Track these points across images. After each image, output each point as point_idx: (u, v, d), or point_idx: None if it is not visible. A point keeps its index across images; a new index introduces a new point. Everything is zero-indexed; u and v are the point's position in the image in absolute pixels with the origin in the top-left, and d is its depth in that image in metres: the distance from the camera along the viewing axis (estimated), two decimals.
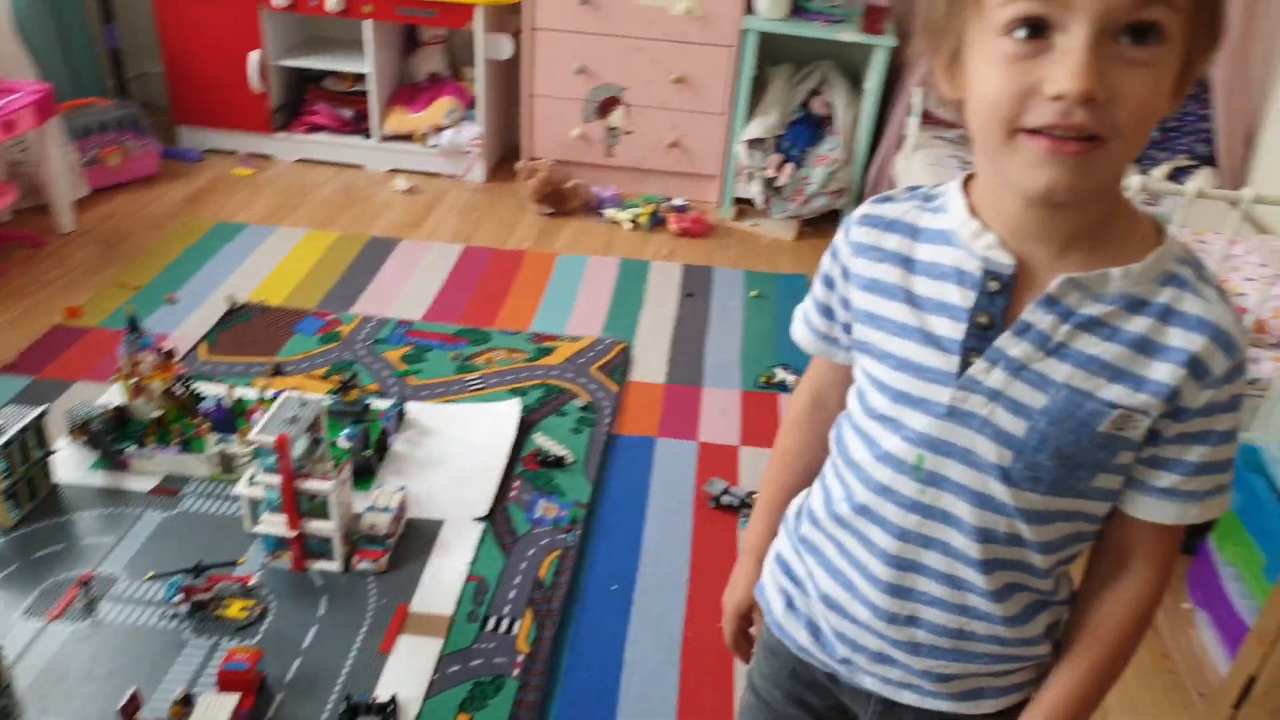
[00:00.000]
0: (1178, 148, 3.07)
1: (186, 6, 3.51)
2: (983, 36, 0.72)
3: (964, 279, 0.80)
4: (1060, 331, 0.77)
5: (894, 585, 0.88)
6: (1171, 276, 0.77)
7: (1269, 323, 2.08)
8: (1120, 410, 0.76)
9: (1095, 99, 0.67)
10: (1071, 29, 0.67)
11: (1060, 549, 0.85)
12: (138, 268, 2.99)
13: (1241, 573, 1.88)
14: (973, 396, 0.79)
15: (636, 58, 3.42)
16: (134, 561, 1.94)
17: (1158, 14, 0.67)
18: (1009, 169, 0.73)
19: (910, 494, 0.84)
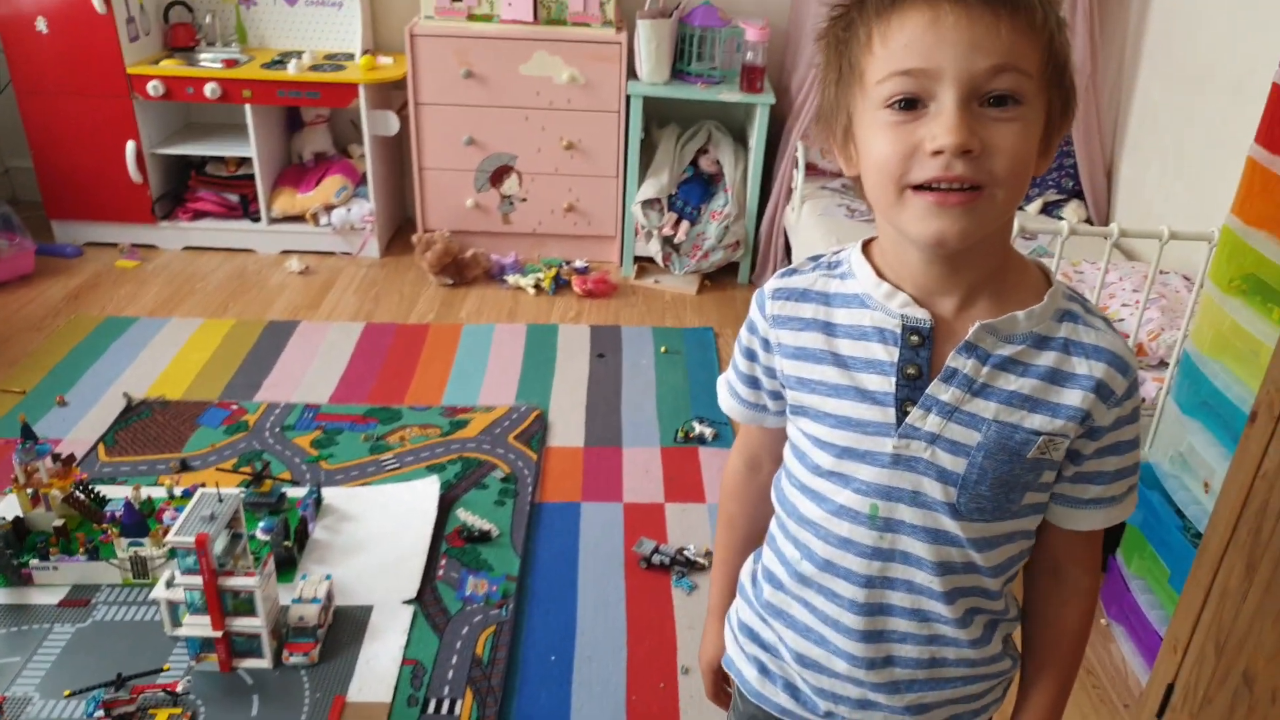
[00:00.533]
0: (1047, 183, 3.28)
1: (53, 98, 3.42)
2: (868, 111, 0.80)
3: (885, 336, 0.86)
4: (982, 373, 0.84)
5: (867, 631, 0.92)
6: (1065, 313, 0.86)
7: (1147, 345, 2.21)
8: (1044, 436, 0.84)
9: (971, 150, 0.75)
10: (941, 97, 0.76)
11: (1007, 569, 0.92)
12: (22, 371, 2.87)
13: (1150, 585, 1.98)
14: (914, 442, 0.86)
15: (525, 126, 3.48)
16: (48, 679, 1.84)
17: (1011, 81, 0.76)
18: (903, 224, 0.80)
19: (869, 542, 0.89)
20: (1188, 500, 1.87)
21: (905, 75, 0.77)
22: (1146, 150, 2.98)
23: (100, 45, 3.34)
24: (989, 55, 0.75)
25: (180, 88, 3.41)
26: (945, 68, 0.75)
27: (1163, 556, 1.93)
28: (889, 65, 0.78)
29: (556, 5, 3.40)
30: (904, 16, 0.77)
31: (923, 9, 0.76)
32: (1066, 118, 0.83)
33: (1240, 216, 1.73)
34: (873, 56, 0.79)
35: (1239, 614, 1.48)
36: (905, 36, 0.77)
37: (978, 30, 0.75)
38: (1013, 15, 0.75)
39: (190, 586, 1.80)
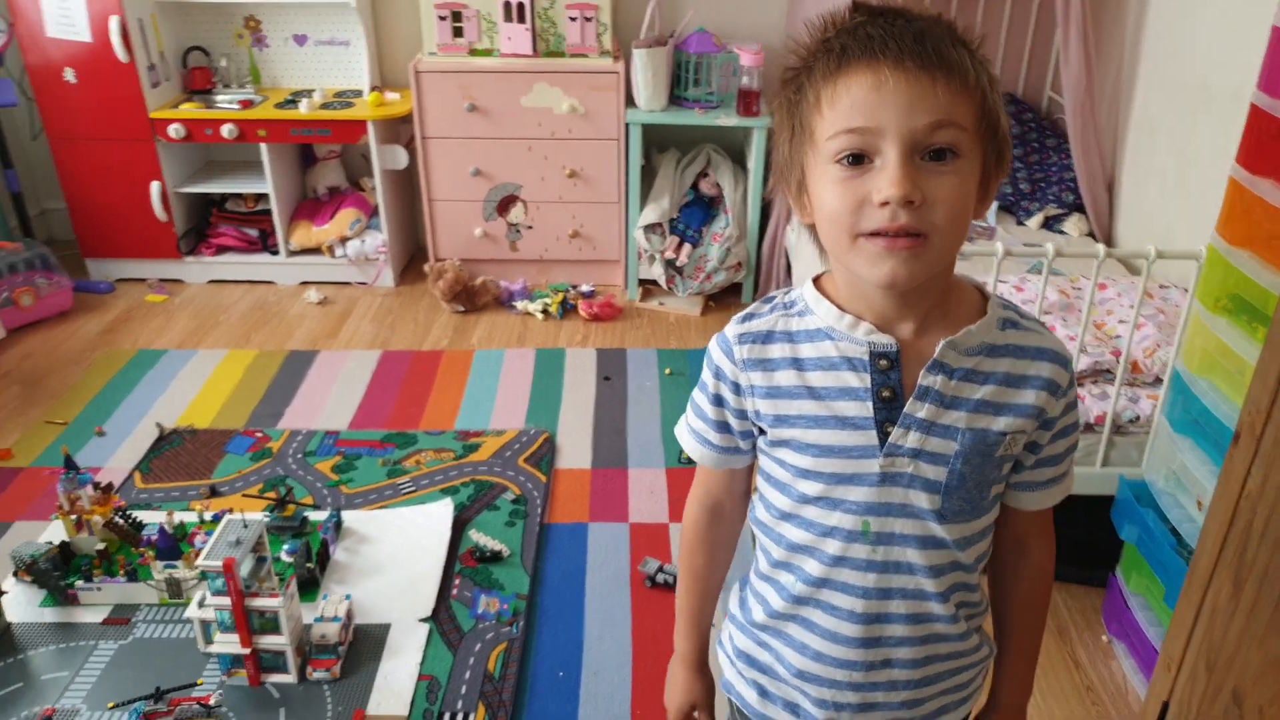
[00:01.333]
0: (1048, 197, 3.33)
1: (83, 144, 3.61)
2: (818, 166, 0.90)
3: (855, 364, 0.94)
4: (951, 387, 0.94)
5: (867, 639, 0.99)
6: (1006, 321, 0.97)
7: (1142, 362, 2.21)
8: (1009, 435, 0.95)
9: (913, 201, 0.84)
10: (886, 152, 0.85)
11: (981, 561, 1.04)
12: (63, 403, 3.04)
13: (1148, 602, 2.02)
14: (899, 459, 0.94)
15: (529, 156, 3.63)
16: (94, 692, 2.00)
17: (949, 137, 0.85)
18: (857, 268, 0.90)
19: (864, 556, 0.97)
20: (1181, 518, 1.89)
21: (852, 133, 0.85)
22: (1146, 164, 3.03)
23: (124, 92, 3.52)
24: (927, 113, 0.84)
25: (199, 130, 3.58)
26: (888, 126, 0.84)
27: (1158, 574, 1.96)
28: (836, 124, 0.86)
29: (554, 38, 3.54)
30: (849, 80, 0.86)
31: (865, 73, 0.85)
32: (1001, 167, 0.93)
33: (1224, 236, 1.75)
34: (821, 117, 0.88)
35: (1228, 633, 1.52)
36: (850, 98, 0.85)
37: (916, 91, 0.84)
38: (948, 77, 0.85)
39: (220, 607, 1.95)
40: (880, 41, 0.85)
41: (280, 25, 3.84)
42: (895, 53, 0.85)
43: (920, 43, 0.85)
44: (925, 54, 0.85)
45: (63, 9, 3.41)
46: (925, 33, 0.86)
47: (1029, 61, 3.67)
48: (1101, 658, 2.11)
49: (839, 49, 0.88)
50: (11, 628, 2.15)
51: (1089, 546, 2.22)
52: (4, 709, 1.96)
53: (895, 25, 0.87)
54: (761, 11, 3.78)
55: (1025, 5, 3.60)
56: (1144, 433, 2.15)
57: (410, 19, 3.76)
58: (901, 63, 0.84)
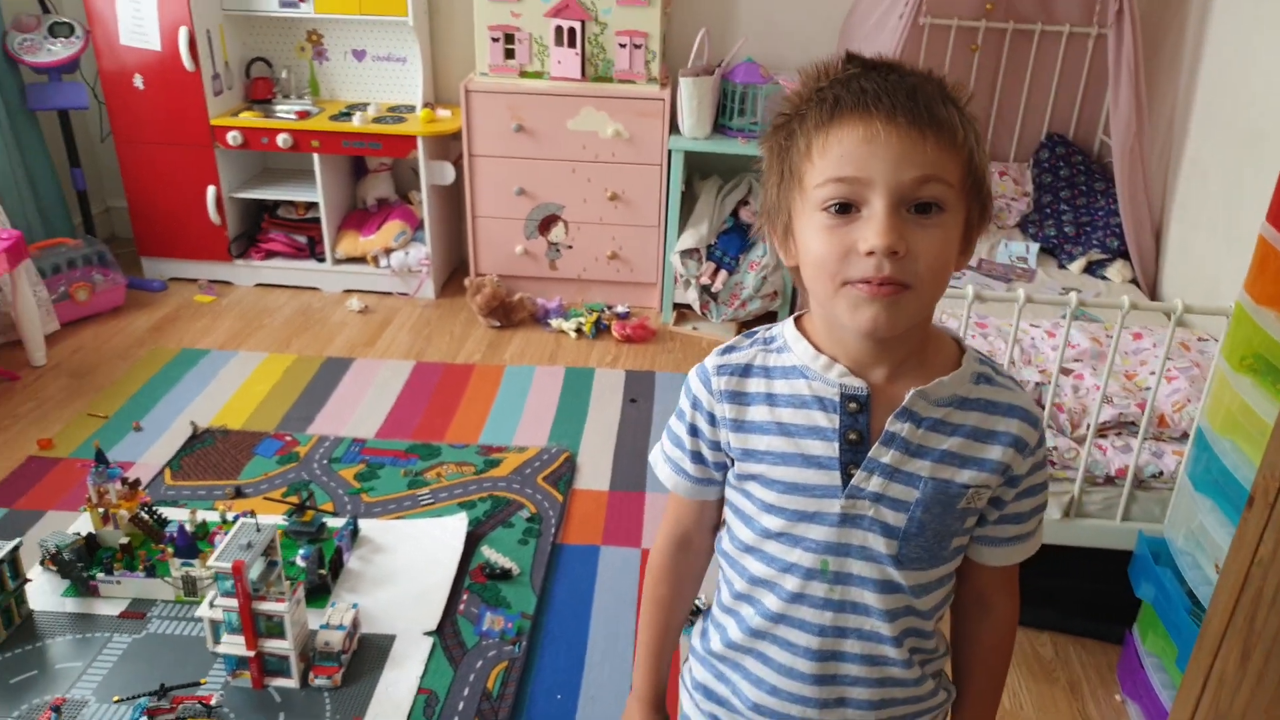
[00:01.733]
0: (1092, 242, 3.28)
1: (146, 147, 3.74)
2: (806, 212, 0.91)
3: (826, 404, 0.95)
4: (917, 435, 0.95)
5: (821, 676, 1.00)
6: (980, 376, 0.97)
7: (1169, 416, 2.16)
8: (972, 489, 0.95)
9: (898, 252, 0.85)
10: (873, 203, 0.86)
11: (938, 609, 1.03)
12: (106, 397, 3.14)
13: (1163, 663, 1.97)
14: (860, 502, 0.95)
15: (572, 178, 3.67)
16: (103, 685, 2.05)
17: (935, 191, 0.87)
18: (838, 313, 0.91)
19: (821, 594, 0.98)
20: (1199, 580, 1.85)
21: (841, 182, 0.87)
22: (1195, 212, 2.97)
23: (188, 99, 3.64)
24: (915, 167, 0.85)
25: (256, 138, 3.69)
26: (876, 177, 0.85)
27: (1173, 636, 1.92)
28: (826, 173, 0.87)
29: (603, 63, 3.58)
30: (840, 130, 0.87)
31: (857, 125, 0.86)
32: (984, 221, 0.94)
33: (1251, 294, 1.71)
34: (811, 164, 0.89)
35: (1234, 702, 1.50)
36: (841, 148, 0.87)
37: (906, 145, 0.85)
38: (937, 133, 0.86)
39: (228, 608, 2.00)
40: (874, 95, 0.87)
41: (341, 40, 3.94)
42: (888, 107, 0.86)
43: (912, 99, 0.87)
44: (917, 110, 0.86)
45: (136, 19, 3.54)
46: (917, 89, 0.88)
47: (1081, 103, 3.62)
48: (1114, 717, 2.06)
49: (832, 99, 0.89)
50: (34, 615, 2.23)
51: (1107, 601, 2.18)
52: (18, 695, 2.03)
53: (889, 80, 0.88)
54: (811, 44, 3.78)
55: (1079, 46, 3.55)
56: (1167, 488, 2.10)
57: (465, 39, 3.84)
58: (894, 118, 0.86)
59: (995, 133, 3.75)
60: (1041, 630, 2.26)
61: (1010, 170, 3.65)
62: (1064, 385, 2.23)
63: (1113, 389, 2.19)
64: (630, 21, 3.51)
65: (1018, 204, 3.57)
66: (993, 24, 3.57)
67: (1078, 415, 2.13)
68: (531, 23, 3.55)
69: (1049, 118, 3.66)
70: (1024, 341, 2.45)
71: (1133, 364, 2.38)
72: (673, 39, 3.83)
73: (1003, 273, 3.15)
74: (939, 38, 3.60)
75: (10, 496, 2.65)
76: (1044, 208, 3.51)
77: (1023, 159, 3.73)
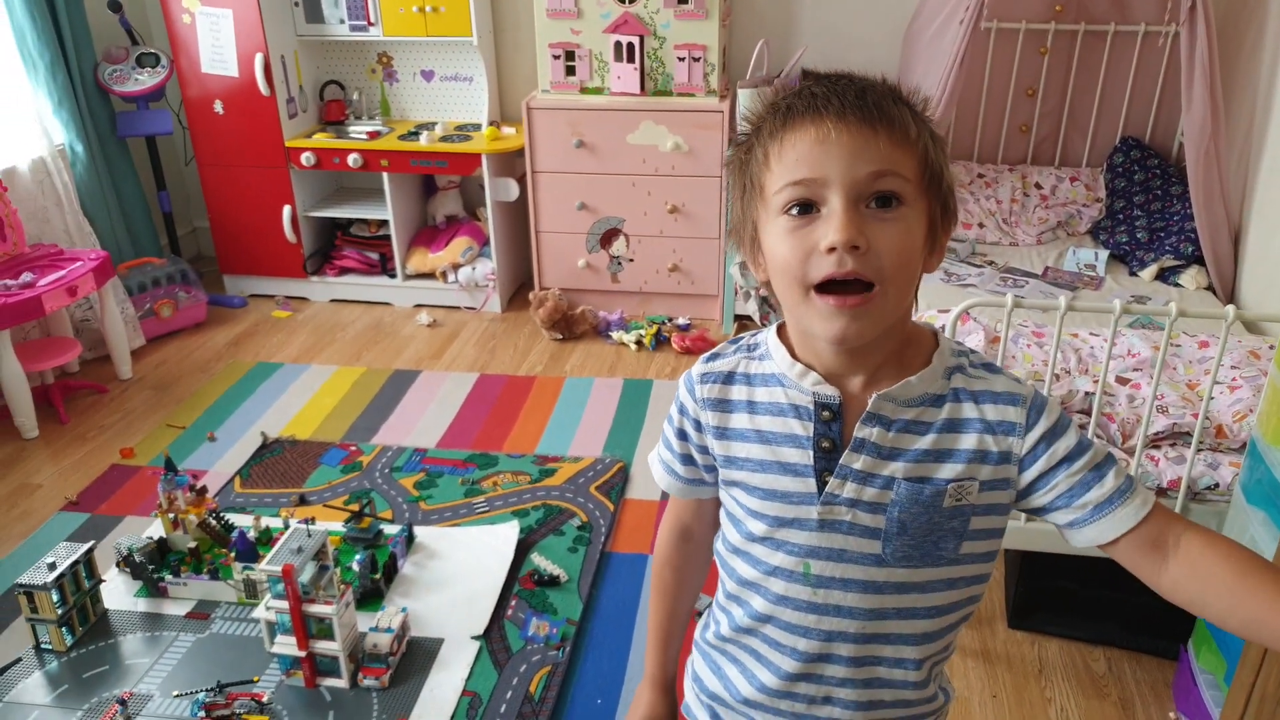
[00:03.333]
0: (1164, 248, 3.16)
1: (226, 170, 3.92)
2: (769, 220, 0.92)
3: (801, 412, 0.96)
4: (888, 438, 0.94)
5: (806, 674, 1.01)
6: (952, 368, 0.96)
7: (1228, 427, 2.07)
8: (953, 483, 0.94)
9: (859, 247, 0.85)
10: (830, 201, 0.87)
11: (950, 612, 1.00)
12: (185, 409, 3.29)
13: (1215, 680, 1.91)
14: (836, 508, 0.95)
15: (633, 192, 3.70)
16: (168, 680, 2.15)
17: (892, 184, 0.87)
18: (809, 323, 0.91)
19: (805, 597, 0.98)
20: None
21: (798, 184, 0.88)
22: (1274, 215, 2.85)
23: (264, 122, 3.80)
24: (870, 162, 0.86)
25: (328, 158, 3.82)
26: (832, 176, 0.86)
27: (1222, 651, 1.87)
28: (784, 177, 0.89)
29: (663, 77, 3.61)
30: (794, 135, 0.88)
31: (809, 128, 0.88)
32: (948, 220, 0.94)
33: None
34: (770, 172, 0.90)
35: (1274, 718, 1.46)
36: (796, 152, 0.88)
37: (858, 142, 0.86)
38: (889, 129, 0.87)
39: (280, 610, 2.07)
40: (824, 98, 0.88)
41: (410, 61, 4.07)
42: (838, 108, 0.87)
43: (862, 98, 0.88)
44: (867, 108, 0.87)
45: (216, 47, 3.72)
46: (866, 90, 0.89)
47: (1158, 105, 3.51)
48: None
49: (785, 108, 0.91)
50: (108, 614, 2.34)
51: (1163, 616, 2.08)
52: (90, 689, 2.14)
53: (839, 84, 0.90)
54: (874, 50, 3.75)
55: (1155, 46, 3.44)
56: (1224, 501, 2.01)
57: (528, 57, 3.92)
58: (844, 116, 0.87)
59: (1067, 138, 3.65)
60: (1095, 645, 2.20)
61: (1082, 176, 3.55)
62: (1119, 395, 2.16)
63: (1171, 398, 2.11)
64: (689, 35, 3.54)
65: (1089, 210, 3.47)
66: (1062, 26, 3.48)
67: (1130, 426, 2.06)
68: (591, 39, 3.60)
69: (1124, 121, 3.55)
70: (1082, 350, 2.38)
71: (1197, 373, 2.28)
72: (733, 51, 3.84)
73: (1069, 280, 3.06)
74: (1006, 42, 3.54)
75: (94, 502, 2.80)
76: (1116, 213, 3.40)
77: (1095, 164, 3.63)
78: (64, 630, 2.23)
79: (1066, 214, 3.47)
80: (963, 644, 2.22)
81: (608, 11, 3.55)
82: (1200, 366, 2.33)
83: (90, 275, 3.19)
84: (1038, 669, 2.16)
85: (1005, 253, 3.33)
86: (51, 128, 3.54)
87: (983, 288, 3.00)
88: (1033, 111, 3.63)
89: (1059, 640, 2.23)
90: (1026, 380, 2.22)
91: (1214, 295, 3.02)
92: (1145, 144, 3.51)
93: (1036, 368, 2.29)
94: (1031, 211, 3.47)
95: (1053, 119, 3.64)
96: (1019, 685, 2.12)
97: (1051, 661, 2.18)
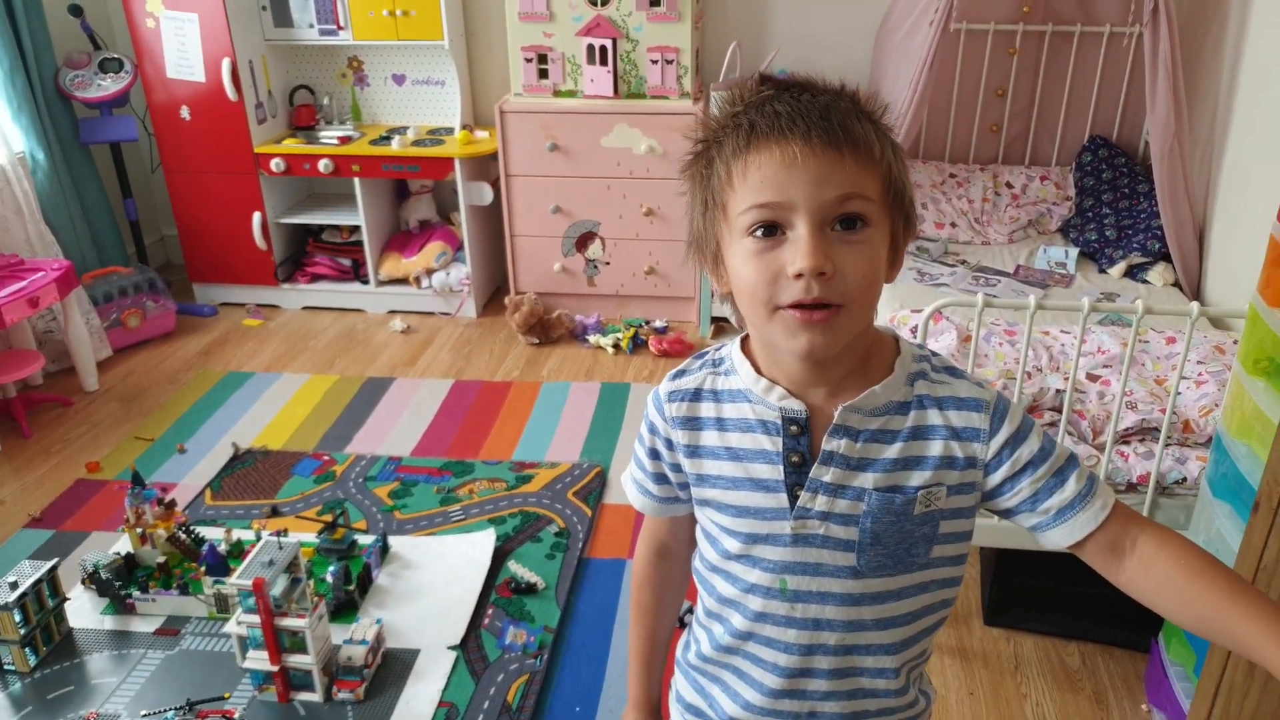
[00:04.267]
0: (1131, 245, 3.19)
1: (194, 176, 3.87)
2: (733, 238, 0.91)
3: (769, 427, 0.96)
4: (856, 449, 0.94)
5: (789, 690, 1.01)
6: (914, 374, 0.96)
7: (1195, 421, 2.09)
8: (923, 490, 0.93)
9: (825, 273, 0.85)
10: (797, 225, 0.86)
11: (924, 616, 1.00)
12: (154, 421, 3.24)
13: (1185, 671, 1.93)
14: (809, 522, 0.95)
15: (607, 195, 3.69)
16: (136, 699, 2.11)
17: (857, 207, 0.87)
18: (774, 339, 0.91)
19: (783, 612, 0.98)
20: None
21: (764, 208, 0.87)
22: (1237, 212, 2.88)
23: (232, 128, 3.76)
24: (836, 187, 0.85)
25: (298, 164, 3.78)
26: (798, 200, 0.85)
27: (1191, 643, 1.89)
28: (748, 199, 0.87)
29: (636, 80, 3.60)
30: (759, 156, 0.87)
31: (773, 149, 0.86)
32: (909, 231, 0.93)
33: (1264, 296, 1.68)
34: (733, 192, 0.89)
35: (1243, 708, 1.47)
36: (761, 174, 0.86)
37: (824, 166, 0.85)
38: (854, 151, 0.86)
39: (251, 624, 2.04)
40: (788, 119, 0.86)
41: (381, 65, 4.03)
42: (804, 130, 0.86)
43: (826, 119, 0.86)
44: (832, 130, 0.86)
45: (182, 51, 3.67)
46: (831, 107, 0.87)
47: (1124, 105, 3.53)
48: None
49: (748, 125, 0.89)
50: (73, 633, 2.30)
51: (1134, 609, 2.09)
52: (57, 708, 2.09)
53: (801, 101, 0.88)
54: (845, 53, 3.76)
55: (1120, 46, 3.46)
56: (1191, 495, 2.03)
57: (500, 60, 3.90)
58: (809, 140, 0.85)
59: (1036, 137, 3.67)
60: (1069, 640, 2.21)
61: (1052, 175, 3.57)
62: (1089, 392, 2.17)
63: (1140, 394, 2.13)
64: (661, 37, 3.53)
65: (1059, 209, 3.49)
66: (1030, 26, 3.50)
67: (1101, 422, 2.07)
68: (564, 42, 3.59)
69: (1091, 120, 3.58)
70: (1053, 348, 2.39)
71: (1164, 369, 2.30)
72: (706, 53, 3.84)
73: (1040, 279, 3.08)
74: (976, 43, 3.55)
75: (58, 518, 2.75)
76: (1085, 212, 3.42)
77: (1065, 163, 3.65)
78: (27, 650, 2.19)
79: (1037, 213, 3.49)
80: (939, 642, 2.22)
81: (580, 14, 3.54)
82: (1168, 362, 2.36)
83: (53, 285, 3.14)
84: (1014, 665, 2.16)
85: (977, 252, 3.34)
86: (11, 135, 3.48)
87: (955, 287, 3.01)
88: (1003, 112, 3.65)
89: (1034, 636, 2.24)
90: (998, 379, 2.24)
91: (1181, 291, 3.05)
92: (1113, 143, 3.54)
93: (1008, 366, 2.30)
94: (1003, 210, 3.49)
95: (1022, 119, 3.66)
96: (995, 682, 2.12)
97: (1027, 657, 2.18)
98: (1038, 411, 2.13)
